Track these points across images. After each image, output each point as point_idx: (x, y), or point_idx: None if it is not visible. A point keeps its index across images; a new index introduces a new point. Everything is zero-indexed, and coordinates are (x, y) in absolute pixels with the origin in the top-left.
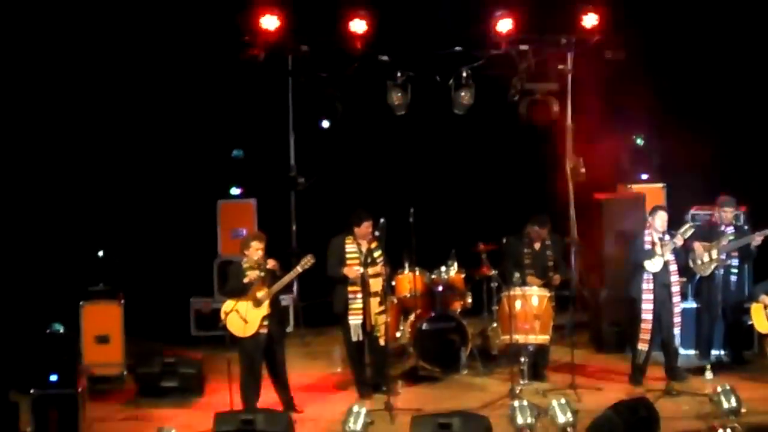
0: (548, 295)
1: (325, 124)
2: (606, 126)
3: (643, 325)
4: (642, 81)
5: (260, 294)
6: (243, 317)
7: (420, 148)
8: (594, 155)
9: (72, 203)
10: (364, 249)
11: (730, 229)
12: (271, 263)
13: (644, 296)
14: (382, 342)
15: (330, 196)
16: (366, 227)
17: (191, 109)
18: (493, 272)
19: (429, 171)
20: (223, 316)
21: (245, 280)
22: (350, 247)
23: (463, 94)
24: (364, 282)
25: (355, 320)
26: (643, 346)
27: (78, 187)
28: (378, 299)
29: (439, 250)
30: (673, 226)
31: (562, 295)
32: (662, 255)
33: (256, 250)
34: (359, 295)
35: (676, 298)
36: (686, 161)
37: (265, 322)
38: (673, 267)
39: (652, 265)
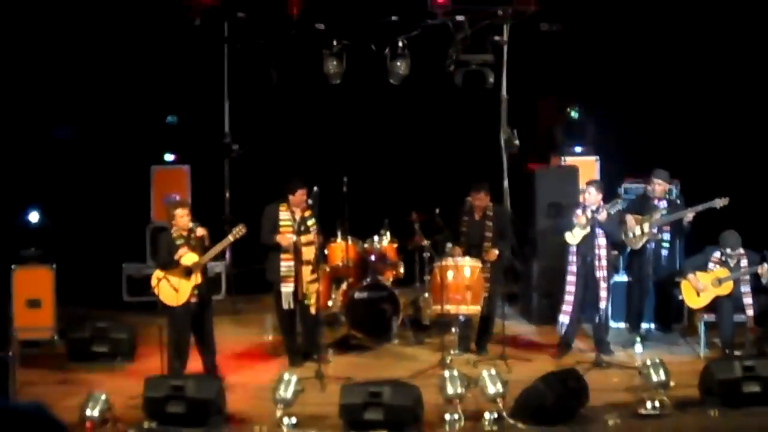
0: (480, 266)
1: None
2: (540, 98)
3: (565, 297)
4: (577, 54)
5: (190, 264)
6: (174, 286)
7: (355, 117)
8: (528, 127)
9: (4, 165)
10: (297, 217)
11: (663, 204)
12: (200, 232)
13: (568, 268)
14: (313, 310)
15: (264, 163)
16: (300, 195)
17: (126, 74)
18: (426, 242)
19: (363, 140)
20: (154, 282)
21: (176, 257)
22: (284, 214)
23: (398, 63)
24: (296, 250)
25: (286, 288)
26: (563, 318)
27: (10, 149)
28: (310, 267)
29: (372, 219)
30: (607, 198)
31: None
32: (582, 227)
33: (181, 216)
34: (291, 263)
35: (602, 272)
36: (620, 134)
37: (196, 291)
38: (601, 240)
39: (571, 237)
